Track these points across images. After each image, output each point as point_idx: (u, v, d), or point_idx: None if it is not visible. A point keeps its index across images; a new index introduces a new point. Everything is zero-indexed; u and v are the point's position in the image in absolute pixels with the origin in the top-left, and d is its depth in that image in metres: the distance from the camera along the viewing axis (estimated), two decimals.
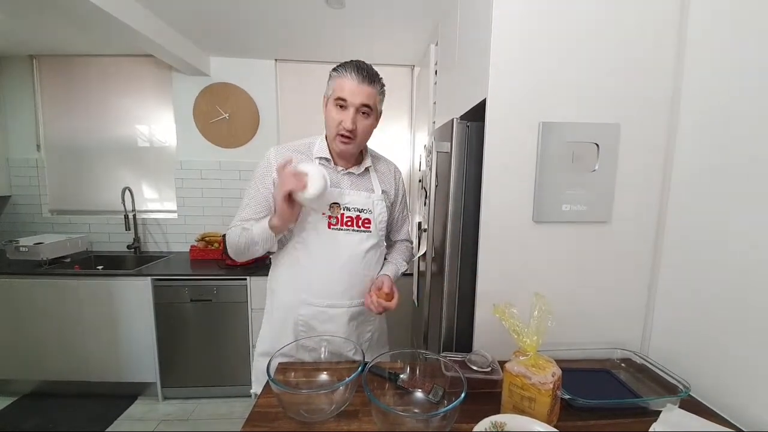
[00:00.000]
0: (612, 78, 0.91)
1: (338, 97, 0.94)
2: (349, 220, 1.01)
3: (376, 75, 0.96)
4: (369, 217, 1.03)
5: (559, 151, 0.92)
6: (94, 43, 2.29)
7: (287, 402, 0.70)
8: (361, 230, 1.02)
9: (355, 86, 0.93)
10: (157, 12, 1.80)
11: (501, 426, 0.63)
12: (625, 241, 0.97)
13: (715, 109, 0.83)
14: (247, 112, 2.52)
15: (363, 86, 0.94)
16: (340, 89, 0.94)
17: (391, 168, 1.17)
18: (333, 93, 0.96)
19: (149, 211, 2.65)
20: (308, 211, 0.98)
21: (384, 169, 1.14)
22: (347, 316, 1.03)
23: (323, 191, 0.87)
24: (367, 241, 1.03)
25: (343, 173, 1.03)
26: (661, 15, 0.90)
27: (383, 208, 1.07)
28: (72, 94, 2.53)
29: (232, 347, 2.13)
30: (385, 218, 1.08)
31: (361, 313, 1.06)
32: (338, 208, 1.00)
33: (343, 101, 0.94)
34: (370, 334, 1.12)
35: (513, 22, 0.89)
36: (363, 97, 0.94)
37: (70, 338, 2.07)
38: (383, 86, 1.00)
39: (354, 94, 0.93)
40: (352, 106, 0.94)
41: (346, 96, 0.93)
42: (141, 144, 2.60)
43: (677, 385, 0.79)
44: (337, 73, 0.96)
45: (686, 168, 0.90)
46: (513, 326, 0.72)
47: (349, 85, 0.93)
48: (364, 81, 0.93)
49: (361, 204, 1.03)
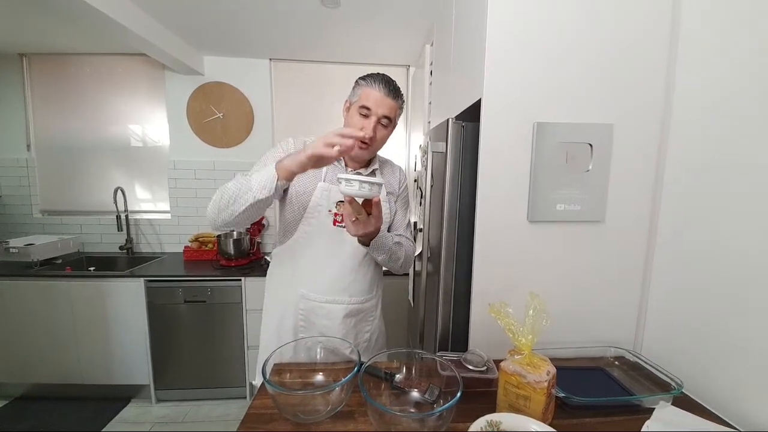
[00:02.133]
0: (605, 79, 0.92)
1: (363, 105, 0.98)
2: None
3: (399, 91, 1.02)
4: None
5: (554, 151, 0.93)
6: (85, 41, 2.26)
7: (283, 403, 0.70)
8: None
9: (380, 98, 0.97)
10: (150, 10, 1.78)
11: (496, 425, 0.63)
12: (619, 241, 0.98)
13: (707, 108, 0.84)
14: (242, 112, 2.51)
15: (388, 99, 0.99)
16: (366, 98, 0.98)
17: (396, 171, 1.21)
18: (359, 100, 0.99)
19: (142, 212, 2.63)
20: (315, 207, 1.02)
21: (390, 172, 1.18)
22: (344, 312, 1.05)
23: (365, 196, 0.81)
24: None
25: (351, 173, 1.06)
26: (653, 15, 0.91)
27: (387, 209, 1.10)
28: (63, 93, 2.50)
29: (226, 348, 2.11)
30: (389, 218, 1.12)
31: (359, 311, 1.08)
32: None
33: (367, 110, 0.98)
34: (368, 335, 1.13)
35: (508, 23, 0.89)
36: (386, 109, 0.99)
37: (61, 340, 2.04)
38: (404, 101, 1.06)
39: (379, 104, 0.98)
40: (375, 116, 0.98)
41: (371, 105, 0.97)
42: (133, 144, 2.58)
43: (670, 383, 0.80)
44: (366, 82, 1.00)
45: (678, 167, 0.91)
46: (508, 325, 0.72)
47: (375, 95, 0.97)
48: (389, 94, 0.98)
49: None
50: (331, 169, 1.05)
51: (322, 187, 1.03)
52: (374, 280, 1.14)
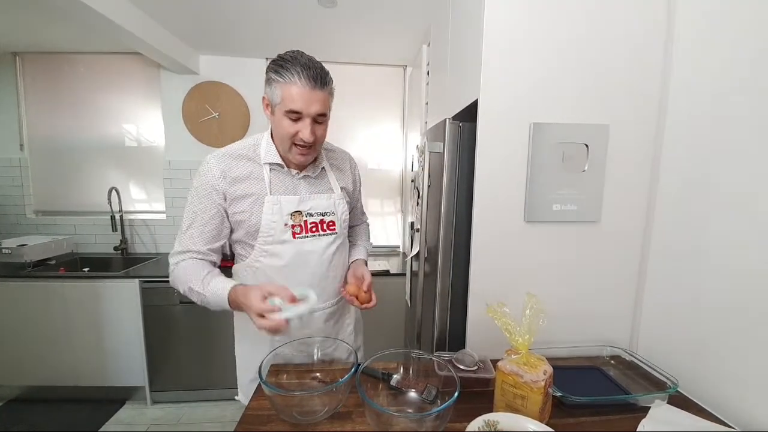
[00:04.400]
0: (601, 79, 0.93)
1: (291, 110, 0.82)
2: (313, 226, 0.96)
3: (326, 74, 0.85)
4: (333, 219, 0.99)
5: (550, 152, 0.93)
6: (79, 40, 2.24)
7: (280, 404, 0.70)
8: (327, 233, 0.98)
9: (307, 94, 0.81)
10: (146, 9, 1.77)
11: (494, 425, 0.63)
12: (614, 240, 0.99)
13: (703, 109, 0.84)
14: (238, 112, 2.50)
15: (316, 92, 0.82)
16: (291, 100, 0.81)
17: (346, 160, 1.10)
18: (282, 103, 0.82)
19: (137, 212, 2.61)
20: (269, 225, 0.91)
21: (339, 163, 1.07)
22: (323, 318, 1.01)
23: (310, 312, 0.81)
24: (333, 243, 1.00)
25: (298, 177, 0.96)
26: (649, 17, 0.92)
27: (345, 206, 1.03)
28: (57, 92, 2.47)
29: (222, 349, 2.10)
30: (347, 216, 1.05)
31: (336, 310, 1.05)
32: (300, 215, 0.95)
33: (296, 114, 0.83)
34: (351, 327, 1.12)
35: (504, 24, 0.89)
36: (318, 106, 0.83)
37: (55, 342, 2.02)
38: (332, 83, 0.88)
39: (308, 103, 0.81)
40: (308, 117, 0.83)
41: (300, 108, 0.82)
42: (128, 143, 2.55)
43: (666, 382, 0.81)
44: (282, 78, 0.81)
45: (673, 168, 0.92)
46: (505, 325, 0.72)
47: (300, 93, 0.80)
48: (316, 86, 0.81)
49: (323, 207, 0.98)
50: (275, 177, 0.93)
51: (270, 201, 0.90)
52: (344, 277, 1.07)
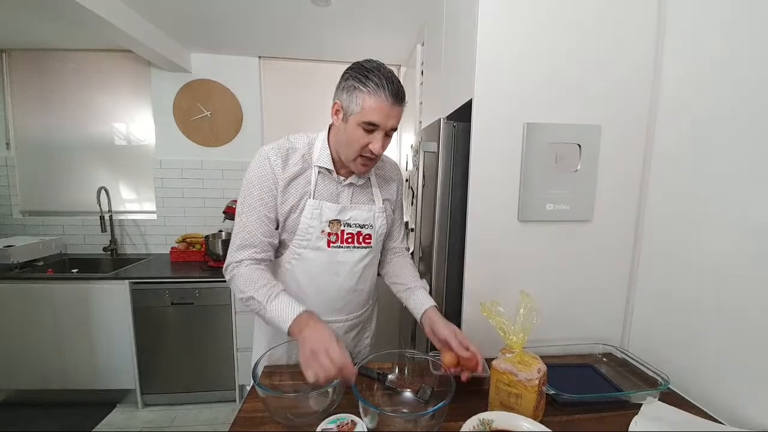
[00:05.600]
0: (593, 80, 0.94)
1: (369, 122, 0.80)
2: (349, 237, 0.93)
3: (404, 90, 0.83)
4: (370, 232, 0.96)
5: (543, 152, 0.94)
6: (68, 36, 2.20)
7: (274, 406, 0.69)
8: (362, 246, 0.95)
9: (388, 108, 0.79)
10: (135, 6, 1.74)
11: (488, 423, 0.64)
12: (606, 239, 1.00)
13: (693, 110, 0.85)
14: (230, 111, 2.47)
15: (396, 108, 0.81)
16: (371, 111, 0.79)
17: (395, 170, 1.05)
18: (361, 113, 0.79)
19: (127, 212, 2.57)
20: (305, 229, 0.90)
21: (386, 173, 1.03)
22: (343, 330, 1.00)
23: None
24: (366, 257, 0.97)
25: (344, 184, 0.93)
26: (640, 20, 0.93)
27: (384, 220, 0.98)
28: (45, 90, 2.42)
29: (215, 351, 2.08)
30: (385, 230, 1.00)
31: (358, 323, 1.03)
32: (338, 224, 0.92)
33: (374, 126, 0.80)
34: (368, 340, 1.10)
35: (498, 25, 0.90)
36: (395, 121, 0.82)
37: (43, 345, 1.98)
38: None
39: (387, 117, 0.80)
40: (383, 130, 0.82)
41: (379, 121, 0.80)
42: (118, 142, 2.52)
43: (657, 379, 0.82)
44: (368, 89, 0.78)
45: (663, 168, 0.93)
46: (499, 324, 0.72)
47: (381, 107, 0.79)
48: (396, 102, 0.80)
49: (362, 219, 0.94)
50: (321, 181, 0.91)
51: (311, 205, 0.89)
52: (371, 291, 1.06)
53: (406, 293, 0.98)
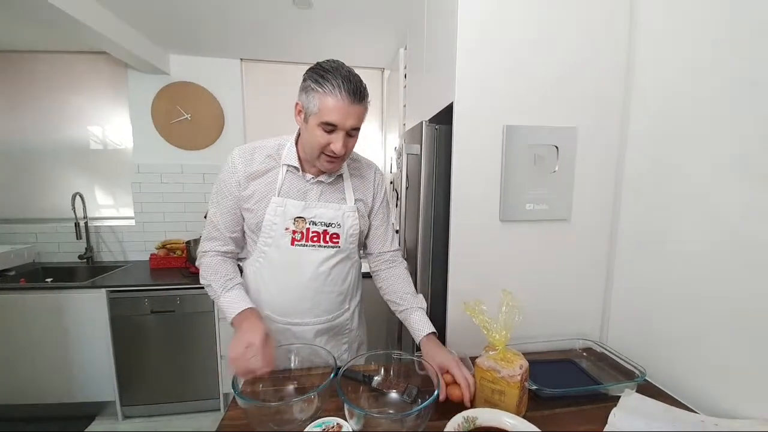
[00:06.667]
0: (569, 83, 0.97)
1: (326, 122, 0.80)
2: (315, 236, 0.93)
3: (364, 88, 0.83)
4: (337, 231, 0.94)
5: (522, 153, 0.96)
6: (41, 38, 2.12)
7: (256, 415, 0.68)
8: (328, 246, 0.94)
9: (345, 108, 0.79)
10: (110, 7, 1.70)
11: (473, 421, 0.65)
12: (584, 237, 1.03)
13: (664, 111, 0.89)
14: (211, 113, 2.43)
15: (354, 107, 0.80)
16: (327, 112, 0.79)
17: (371, 171, 1.03)
18: (319, 114, 0.80)
19: (103, 218, 2.49)
20: (269, 226, 0.91)
21: (361, 173, 1.01)
22: (313, 332, 0.98)
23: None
24: (334, 257, 0.95)
25: (312, 182, 0.93)
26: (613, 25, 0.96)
27: (355, 220, 0.96)
28: (16, 92, 2.33)
29: (198, 359, 2.03)
30: (356, 230, 0.97)
31: (331, 328, 1.00)
32: (303, 222, 0.92)
33: (332, 126, 0.81)
34: (346, 346, 1.06)
35: (478, 30, 0.92)
36: (354, 120, 0.82)
37: (17, 358, 1.89)
38: (368, 98, 0.86)
39: (345, 117, 0.80)
40: (343, 130, 0.82)
41: (336, 121, 0.80)
42: (93, 146, 2.43)
43: (634, 371, 0.85)
44: (322, 89, 0.79)
45: (635, 169, 0.97)
46: (483, 323, 0.74)
47: (338, 106, 0.79)
48: (354, 101, 0.80)
49: (329, 218, 0.93)
50: (288, 179, 0.92)
51: (275, 202, 0.90)
52: (347, 294, 1.02)
53: (404, 314, 0.97)
